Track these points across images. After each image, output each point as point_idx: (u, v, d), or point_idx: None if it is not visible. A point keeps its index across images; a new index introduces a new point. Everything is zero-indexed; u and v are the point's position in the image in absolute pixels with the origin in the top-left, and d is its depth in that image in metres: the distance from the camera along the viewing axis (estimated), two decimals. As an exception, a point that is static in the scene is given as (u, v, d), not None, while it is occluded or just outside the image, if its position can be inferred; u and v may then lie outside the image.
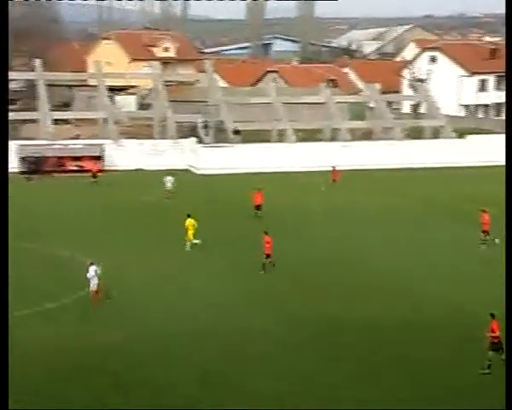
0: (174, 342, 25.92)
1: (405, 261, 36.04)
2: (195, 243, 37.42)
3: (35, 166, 61.35)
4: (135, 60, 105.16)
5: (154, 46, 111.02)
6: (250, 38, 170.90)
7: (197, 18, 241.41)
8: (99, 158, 63.25)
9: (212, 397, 22.00)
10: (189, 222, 37.79)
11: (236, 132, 67.32)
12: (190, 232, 37.60)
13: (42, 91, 67.70)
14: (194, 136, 67.95)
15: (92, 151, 63.51)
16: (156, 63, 77.64)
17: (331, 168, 58.79)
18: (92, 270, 29.37)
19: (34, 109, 71.65)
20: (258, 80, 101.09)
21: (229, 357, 24.78)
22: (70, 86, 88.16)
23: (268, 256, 33.98)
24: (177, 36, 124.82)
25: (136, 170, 63.46)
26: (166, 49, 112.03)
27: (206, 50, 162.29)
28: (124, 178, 59.17)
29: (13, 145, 62.34)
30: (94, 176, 57.47)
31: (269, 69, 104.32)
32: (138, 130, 75.78)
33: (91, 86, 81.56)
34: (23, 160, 61.07)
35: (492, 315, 24.04)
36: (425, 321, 27.88)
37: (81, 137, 71.44)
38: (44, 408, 20.95)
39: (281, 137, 70.82)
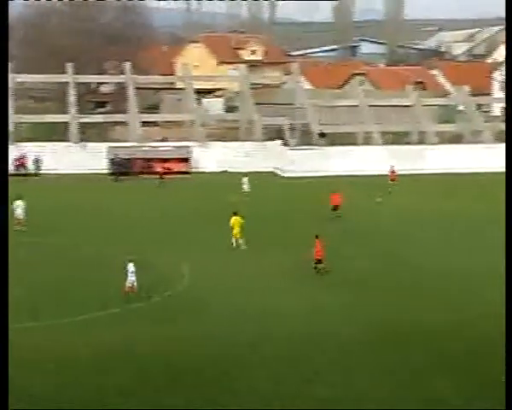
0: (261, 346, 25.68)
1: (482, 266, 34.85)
2: (240, 244, 37.31)
3: (124, 167, 62.50)
4: (222, 63, 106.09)
5: (241, 49, 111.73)
6: (337, 41, 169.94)
7: (285, 21, 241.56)
8: (186, 160, 64.01)
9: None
10: (235, 220, 37.64)
11: (322, 135, 67.02)
12: (236, 230, 37.44)
13: (131, 94, 68.97)
14: (279, 138, 68.01)
15: (179, 153, 64.32)
16: (243, 66, 78.12)
17: (389, 170, 57.97)
18: (131, 267, 30.09)
19: (123, 112, 73.18)
20: (345, 83, 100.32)
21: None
22: (158, 89, 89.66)
23: (319, 261, 32.92)
24: (264, 39, 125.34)
25: (222, 172, 63.92)
26: (253, 52, 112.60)
27: (293, 53, 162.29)
28: (209, 180, 59.68)
29: (103, 147, 63.96)
30: (161, 177, 57.61)
31: (355, 72, 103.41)
32: (225, 132, 76.41)
33: (179, 89, 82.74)
34: (112, 161, 62.29)
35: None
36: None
37: (168, 140, 72.52)
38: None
39: (367, 140, 70.14)
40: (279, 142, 66.72)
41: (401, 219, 45.84)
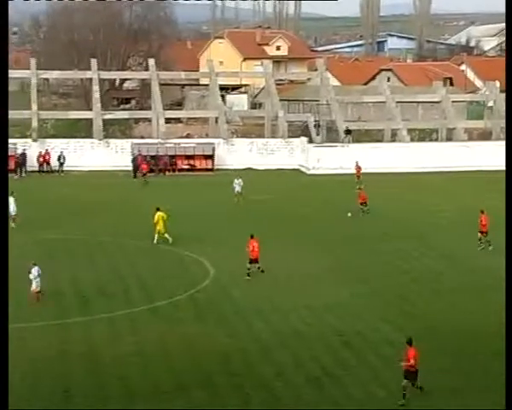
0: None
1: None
2: (166, 238, 36.91)
3: (148, 164, 61.92)
4: (247, 59, 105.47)
5: (266, 45, 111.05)
6: (364, 36, 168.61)
7: (310, 16, 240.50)
8: (210, 157, 63.42)
9: None
10: (159, 216, 37.09)
11: (348, 132, 66.04)
12: (160, 225, 36.87)
13: (155, 91, 68.46)
14: (305, 135, 67.15)
15: (203, 150, 63.74)
16: (268, 62, 77.26)
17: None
18: (35, 271, 28.79)
19: (147, 108, 72.72)
20: (372, 79, 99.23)
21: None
22: (182, 85, 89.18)
23: (253, 261, 32.39)
24: (289, 34, 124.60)
25: (246, 169, 63.26)
26: (279, 48, 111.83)
27: (319, 49, 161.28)
28: (233, 177, 58.99)
29: (126, 144, 63.52)
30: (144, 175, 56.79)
31: (382, 67, 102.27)
32: (249, 129, 75.70)
33: (203, 85, 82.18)
34: (134, 158, 61.58)
35: (409, 342, 21.32)
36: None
37: (192, 136, 71.96)
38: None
39: (394, 136, 69.05)
40: (304, 139, 65.85)
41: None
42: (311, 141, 66.13)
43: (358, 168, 56.74)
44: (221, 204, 47.81)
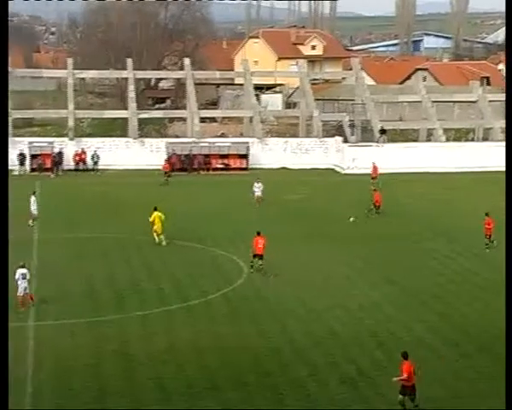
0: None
1: None
2: (157, 239, 36.73)
3: (182, 163, 62.23)
4: (282, 58, 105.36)
5: (301, 44, 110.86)
6: (399, 35, 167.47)
7: (345, 15, 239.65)
8: (244, 156, 63.48)
9: None
10: (156, 215, 36.88)
11: (383, 132, 65.65)
12: (158, 226, 36.66)
13: (190, 90, 68.70)
14: (339, 135, 66.91)
15: (238, 149, 63.82)
16: (303, 61, 77.13)
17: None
18: (19, 273, 27.85)
19: (182, 108, 73.00)
20: (407, 78, 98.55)
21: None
22: (217, 85, 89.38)
23: (257, 256, 32.63)
24: (324, 34, 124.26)
25: (280, 168, 63.24)
26: (314, 47, 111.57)
27: (354, 48, 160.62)
28: (268, 177, 59.00)
29: (161, 143, 63.84)
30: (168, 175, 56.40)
31: (418, 67, 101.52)
32: (283, 128, 75.66)
33: (238, 85, 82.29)
34: (168, 157, 61.74)
35: (404, 355, 20.33)
36: None
37: (227, 136, 72.09)
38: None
39: (429, 136, 68.50)
40: (339, 138, 65.62)
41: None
42: (345, 140, 65.87)
43: (375, 168, 56.34)
44: (255, 204, 47.75)
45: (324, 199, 50.37)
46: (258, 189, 48.19)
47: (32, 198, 41.59)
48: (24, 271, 27.85)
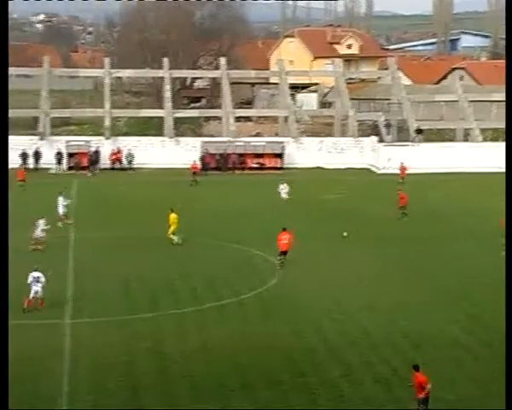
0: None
1: None
2: (175, 239, 36.84)
3: (217, 162, 62.42)
4: (317, 57, 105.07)
5: (337, 43, 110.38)
6: (436, 34, 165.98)
7: (382, 14, 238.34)
8: (279, 156, 63.46)
9: None
10: (172, 217, 37.02)
11: (419, 131, 65.16)
12: (173, 228, 36.86)
13: (226, 89, 68.85)
14: (375, 134, 66.57)
15: (273, 149, 63.83)
16: (339, 60, 76.89)
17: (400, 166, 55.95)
18: (32, 276, 27.28)
19: (218, 107, 73.19)
20: (444, 77, 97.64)
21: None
22: (253, 84, 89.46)
23: (283, 254, 32.98)
24: (360, 33, 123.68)
25: (315, 168, 63.11)
26: (349, 47, 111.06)
27: (390, 47, 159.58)
28: (303, 176, 58.99)
29: (197, 142, 64.09)
30: (194, 173, 55.86)
31: (455, 66, 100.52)
32: (319, 128, 75.49)
33: (274, 84, 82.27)
34: (202, 156, 61.87)
35: (416, 368, 19.69)
36: None
37: (262, 135, 72.13)
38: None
39: (466, 136, 67.84)
40: (375, 138, 65.28)
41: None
42: (381, 140, 65.53)
43: (403, 169, 55.89)
44: (290, 203, 47.74)
45: (359, 199, 50.14)
46: (283, 191, 47.93)
47: (60, 198, 41.51)
48: (37, 274, 27.42)
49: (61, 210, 41.00)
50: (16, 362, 23.12)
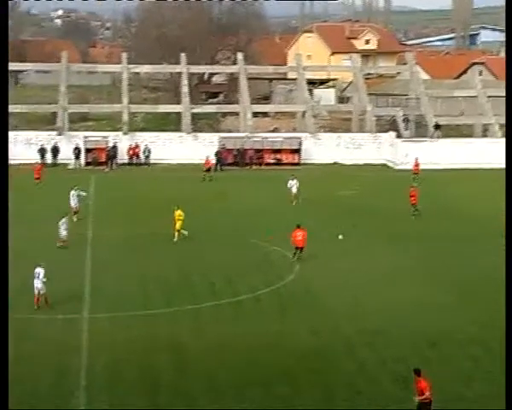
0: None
1: None
2: (184, 234, 36.76)
3: (235, 158, 62.39)
4: (335, 53, 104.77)
5: (355, 38, 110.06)
6: (455, 29, 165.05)
7: (400, 9, 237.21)
8: (297, 151, 63.34)
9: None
10: (178, 214, 36.96)
11: (437, 127, 64.80)
12: (179, 223, 36.82)
13: (243, 85, 68.79)
14: (393, 130, 66.27)
15: (290, 144, 63.70)
16: (357, 56, 76.57)
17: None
18: (36, 273, 27.12)
19: (235, 102, 73.13)
20: (463, 73, 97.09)
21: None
22: (270, 80, 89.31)
23: (297, 249, 33.43)
24: (378, 28, 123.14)
25: (333, 164, 62.93)
26: (368, 42, 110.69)
27: (409, 42, 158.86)
28: (320, 172, 58.85)
29: (214, 137, 64.06)
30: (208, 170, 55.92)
31: (474, 61, 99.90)
32: (336, 123, 75.25)
33: (291, 79, 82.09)
34: (218, 151, 61.73)
35: (417, 372, 19.29)
36: None
37: (279, 130, 72.02)
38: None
39: (485, 132, 67.37)
40: (392, 133, 64.99)
41: None
42: (399, 136, 65.23)
43: (417, 165, 55.56)
44: (307, 199, 47.59)
45: (377, 195, 49.92)
46: (294, 186, 46.99)
47: (72, 192, 41.54)
48: (38, 270, 27.28)
49: (73, 204, 41.04)
50: (35, 357, 23.28)
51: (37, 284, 27.13)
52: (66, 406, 20.64)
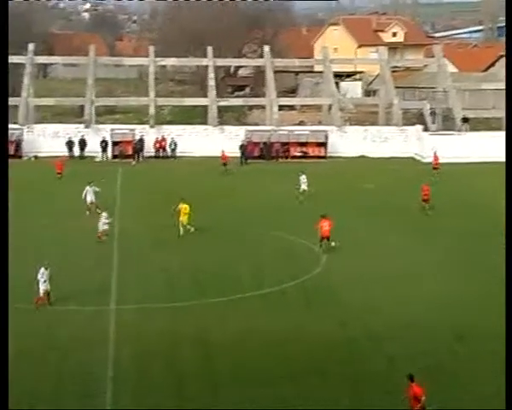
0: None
1: None
2: (189, 229, 36.39)
3: (261, 151, 62.38)
4: (362, 45, 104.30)
5: (382, 31, 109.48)
6: (483, 21, 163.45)
7: (428, 1, 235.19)
8: (323, 144, 63.19)
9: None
10: (183, 207, 36.62)
11: (465, 120, 64.28)
12: (185, 217, 36.44)
13: (269, 78, 68.72)
14: (420, 123, 65.87)
15: (316, 137, 63.54)
16: (384, 48, 76.16)
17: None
18: (40, 273, 26.89)
19: (261, 95, 73.08)
20: (491, 65, 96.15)
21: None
22: (297, 72, 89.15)
23: (323, 239, 33.78)
24: (405, 20, 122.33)
25: (359, 157, 62.72)
26: (394, 34, 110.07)
27: (436, 34, 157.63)
28: (346, 165, 58.69)
29: (240, 130, 64.08)
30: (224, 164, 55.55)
31: (503, 53, 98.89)
32: (363, 116, 74.95)
33: (318, 72, 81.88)
34: (242, 145, 61.66)
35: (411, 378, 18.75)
36: None
37: (305, 124, 71.87)
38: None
39: (514, 125, 66.65)
40: (419, 127, 64.60)
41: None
42: (426, 129, 64.82)
43: (436, 158, 55.11)
44: (333, 192, 47.51)
45: (403, 189, 49.61)
46: (303, 182, 46.10)
47: (87, 188, 41.30)
48: (41, 270, 27.08)
49: (89, 200, 41.13)
50: (63, 347, 23.50)
51: (41, 283, 26.90)
52: (93, 396, 20.82)
